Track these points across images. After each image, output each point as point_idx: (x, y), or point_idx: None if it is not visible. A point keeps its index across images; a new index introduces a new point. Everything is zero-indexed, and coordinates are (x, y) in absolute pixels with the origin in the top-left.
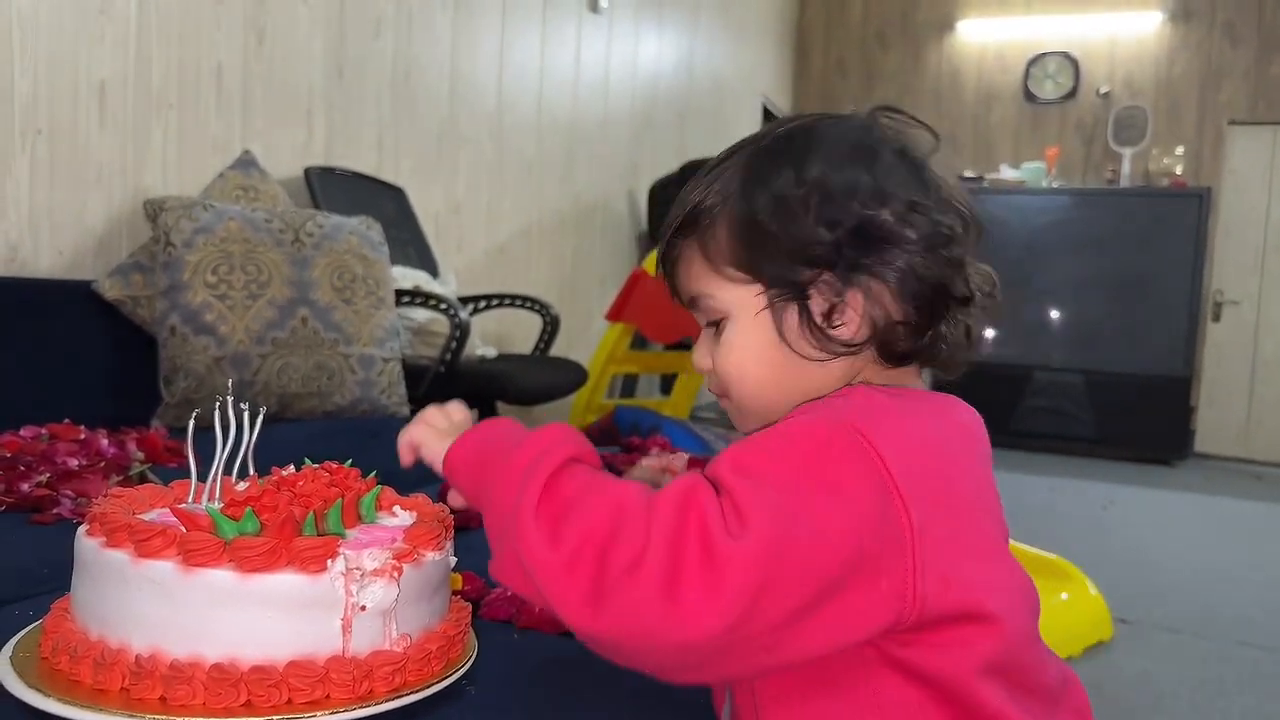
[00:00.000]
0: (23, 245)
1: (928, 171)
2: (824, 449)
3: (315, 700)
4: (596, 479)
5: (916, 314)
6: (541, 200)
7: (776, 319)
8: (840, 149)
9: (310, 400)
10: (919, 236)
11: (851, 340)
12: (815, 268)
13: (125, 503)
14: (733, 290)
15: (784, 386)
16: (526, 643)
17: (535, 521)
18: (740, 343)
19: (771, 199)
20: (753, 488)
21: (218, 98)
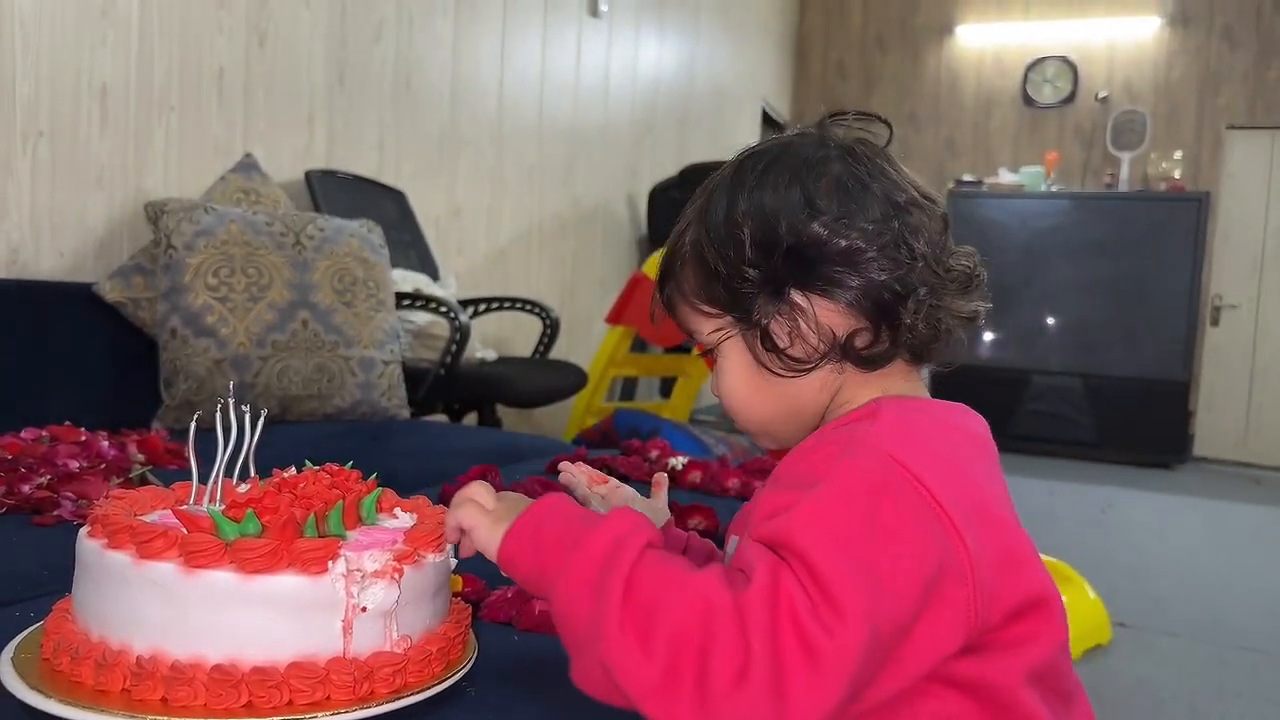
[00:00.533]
0: (24, 247)
1: (876, 173)
2: (880, 497)
3: (316, 701)
4: (672, 573)
5: (870, 321)
6: (542, 204)
7: (748, 345)
8: (776, 172)
9: (311, 403)
10: (856, 245)
11: (809, 356)
12: (761, 294)
13: (127, 504)
14: (710, 323)
15: (774, 405)
16: (527, 644)
17: (622, 634)
18: (727, 370)
19: (714, 235)
20: (832, 564)
21: (219, 100)
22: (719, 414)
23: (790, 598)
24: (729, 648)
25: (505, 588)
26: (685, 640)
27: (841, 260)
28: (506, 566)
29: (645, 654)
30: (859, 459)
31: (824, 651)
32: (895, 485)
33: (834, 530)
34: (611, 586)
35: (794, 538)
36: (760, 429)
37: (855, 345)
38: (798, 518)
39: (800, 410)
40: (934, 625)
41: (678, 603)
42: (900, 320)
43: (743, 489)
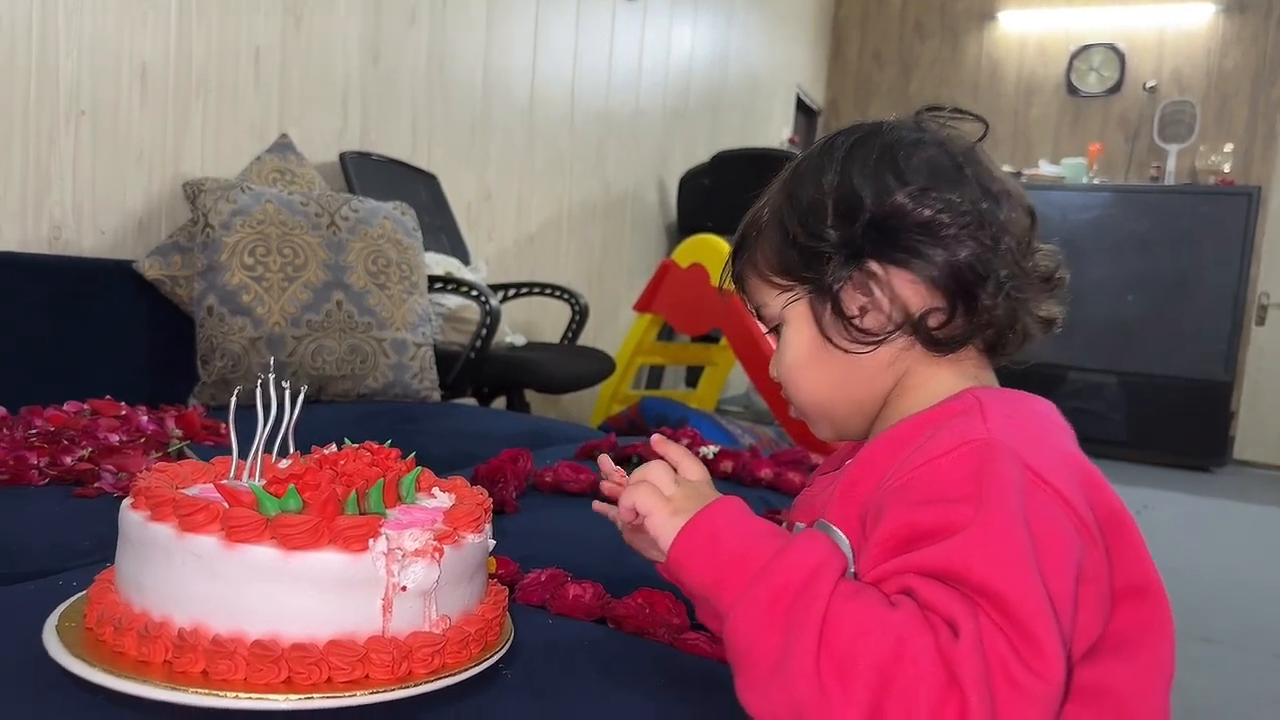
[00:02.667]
0: (66, 225)
1: (971, 160)
2: (1032, 513)
3: (355, 680)
4: (871, 612)
5: (947, 299)
6: (572, 190)
7: (815, 317)
8: (867, 147)
9: (344, 383)
10: (940, 219)
11: (881, 329)
12: (833, 263)
13: (169, 477)
14: (779, 297)
15: (835, 383)
16: (561, 628)
17: (818, 676)
18: (791, 344)
19: (796, 208)
20: (1025, 602)
21: (256, 81)
22: (745, 405)
23: (995, 645)
24: (941, 700)
25: (539, 570)
26: (888, 687)
27: (922, 231)
28: (674, 567)
29: (844, 699)
30: (1001, 470)
31: (1036, 693)
32: (1035, 494)
33: (1013, 562)
34: (806, 624)
35: (976, 574)
36: (816, 410)
37: (928, 324)
38: (972, 551)
39: (861, 390)
40: (1086, 632)
41: (878, 648)
42: (978, 303)
43: (775, 479)
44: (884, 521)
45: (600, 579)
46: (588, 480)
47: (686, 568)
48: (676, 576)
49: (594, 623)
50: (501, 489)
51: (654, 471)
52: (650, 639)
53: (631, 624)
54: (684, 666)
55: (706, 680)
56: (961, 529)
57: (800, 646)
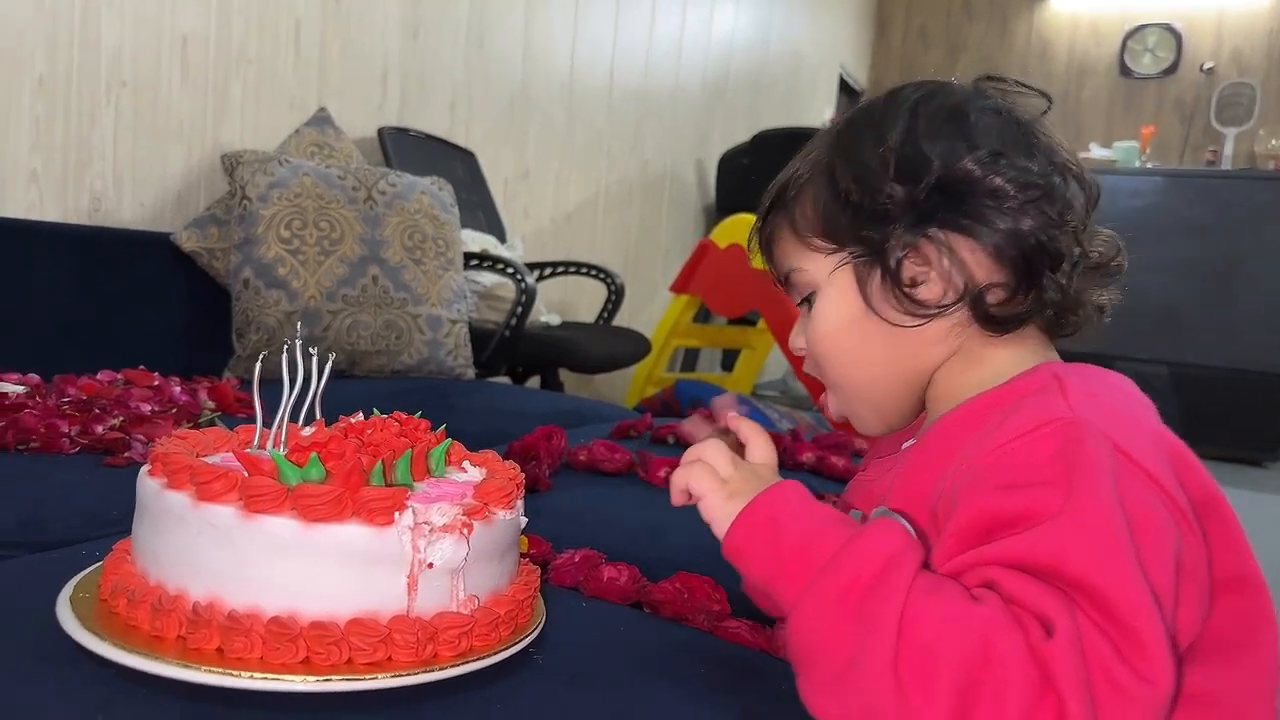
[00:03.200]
0: (107, 196)
1: (1033, 131)
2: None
3: (377, 662)
4: (953, 608)
5: (1012, 274)
6: (610, 169)
7: (861, 284)
8: (930, 110)
9: (379, 359)
10: (1009, 189)
11: (937, 301)
12: (892, 225)
13: (190, 444)
14: (819, 261)
15: (877, 359)
16: (594, 611)
17: (897, 679)
18: (829, 314)
19: (852, 163)
20: (1124, 598)
21: (295, 55)
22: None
23: (1094, 645)
24: (1036, 705)
25: (572, 551)
26: (976, 691)
27: (991, 198)
28: (731, 558)
29: (926, 703)
30: (1090, 451)
31: (1140, 697)
32: (1127, 478)
33: (1112, 553)
34: (882, 620)
35: (1071, 567)
36: (858, 391)
37: (987, 300)
38: (1066, 541)
39: (906, 367)
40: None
41: (964, 647)
42: (1042, 281)
43: (818, 463)
44: (960, 509)
45: (636, 561)
46: (623, 460)
47: (745, 557)
48: (734, 566)
49: (629, 607)
50: (534, 467)
51: (710, 450)
52: (688, 625)
53: (669, 609)
54: (724, 655)
55: (747, 669)
56: (1050, 517)
57: (876, 644)
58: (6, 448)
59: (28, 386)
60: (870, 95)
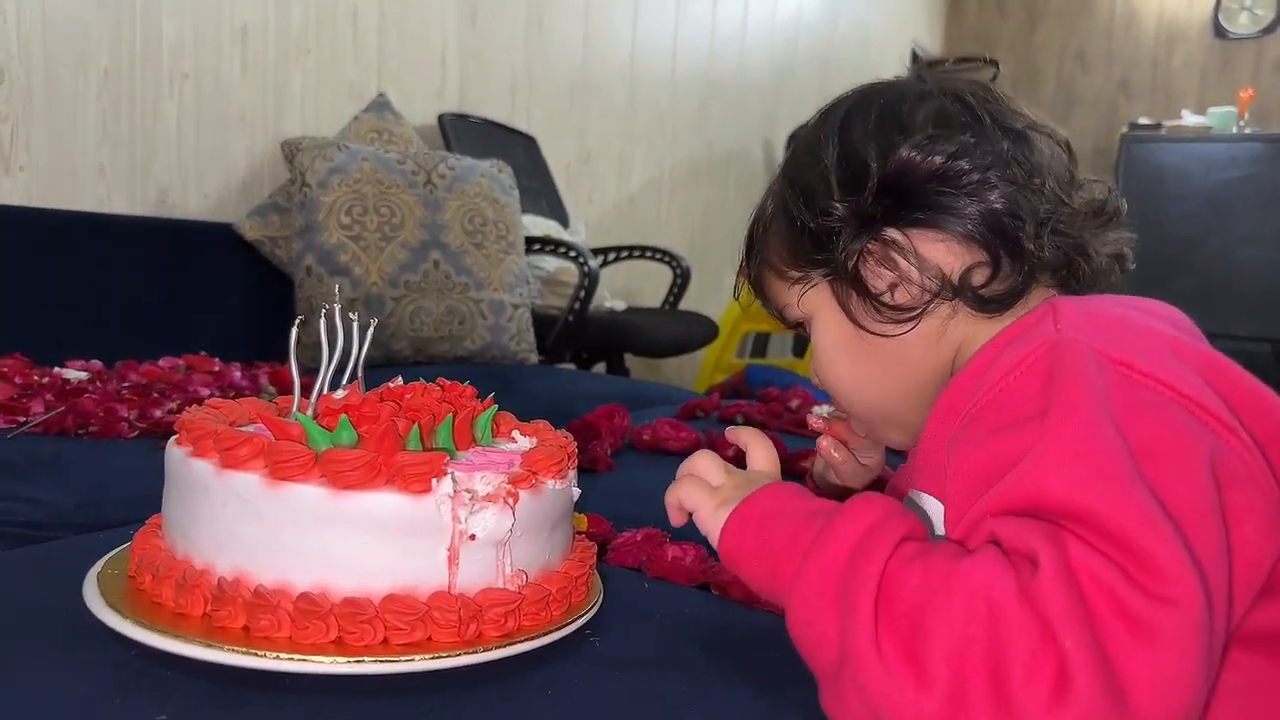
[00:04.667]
0: (173, 188)
1: (985, 102)
2: (1124, 410)
3: (415, 642)
4: (935, 568)
5: (987, 251)
6: (674, 151)
7: (841, 304)
8: (862, 115)
9: (442, 344)
10: (957, 166)
11: (915, 303)
12: (851, 239)
13: (222, 413)
14: (798, 291)
15: (883, 375)
16: (657, 593)
17: (880, 657)
18: (825, 342)
19: (797, 189)
20: (1121, 512)
21: (354, 43)
22: None
23: (1093, 572)
24: (1033, 655)
25: (634, 530)
26: (969, 655)
27: (938, 183)
28: (729, 564)
29: (918, 680)
30: (1070, 367)
31: (1161, 624)
32: (1125, 388)
33: (1099, 469)
34: (859, 597)
35: (1054, 495)
36: (875, 412)
37: (972, 283)
38: (1046, 468)
39: (915, 375)
40: (1241, 549)
41: (949, 607)
42: (1022, 248)
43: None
44: (955, 462)
45: (702, 541)
46: (688, 439)
47: (738, 563)
48: (739, 577)
49: (695, 588)
50: (596, 445)
51: (699, 461)
52: (759, 608)
53: (738, 590)
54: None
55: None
56: (1035, 451)
57: (857, 626)
58: (67, 432)
59: (90, 373)
60: None
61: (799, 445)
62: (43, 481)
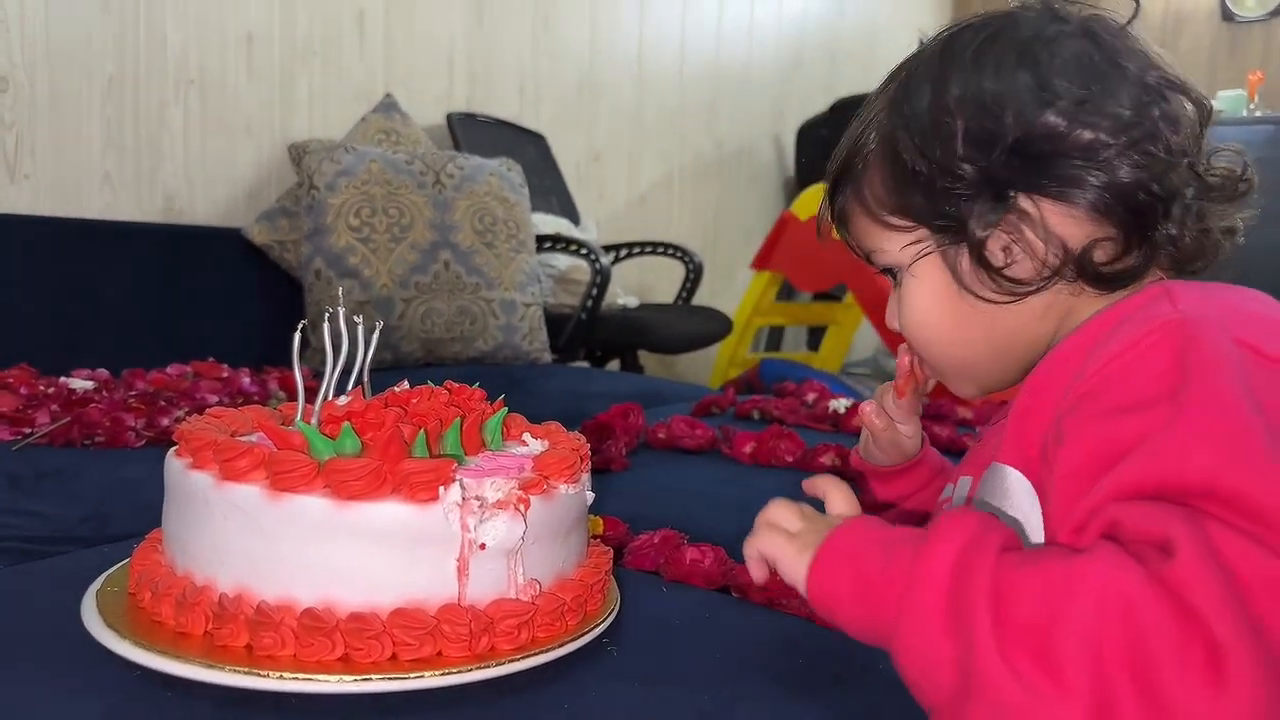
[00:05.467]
0: (179, 195)
1: (1125, 49)
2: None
3: (425, 658)
4: (1050, 571)
5: (1118, 228)
6: (684, 147)
7: (949, 264)
8: (999, 50)
9: (454, 345)
10: (1102, 139)
11: (1031, 278)
12: (973, 200)
13: (223, 422)
14: (897, 239)
15: (979, 339)
16: (677, 597)
17: (1012, 672)
18: (917, 296)
19: (914, 132)
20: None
21: (360, 45)
22: (873, 368)
23: (1240, 551)
24: (1182, 646)
25: (651, 532)
26: (1109, 654)
27: (1083, 156)
28: (822, 610)
29: (1059, 689)
30: (1205, 345)
31: None
32: (1258, 372)
33: (1244, 449)
34: (974, 614)
35: (1194, 474)
36: (958, 370)
37: (1095, 259)
38: (1185, 448)
39: (1014, 344)
40: None
41: (1077, 608)
42: (1155, 230)
43: None
44: (1067, 444)
45: (722, 542)
46: (705, 436)
47: (831, 607)
48: (831, 624)
49: (715, 591)
50: (610, 445)
51: (774, 510)
52: (783, 611)
53: (760, 593)
54: (824, 644)
55: (850, 660)
56: (1163, 429)
57: (978, 644)
58: (73, 443)
59: (96, 382)
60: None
61: (817, 440)
62: (48, 494)
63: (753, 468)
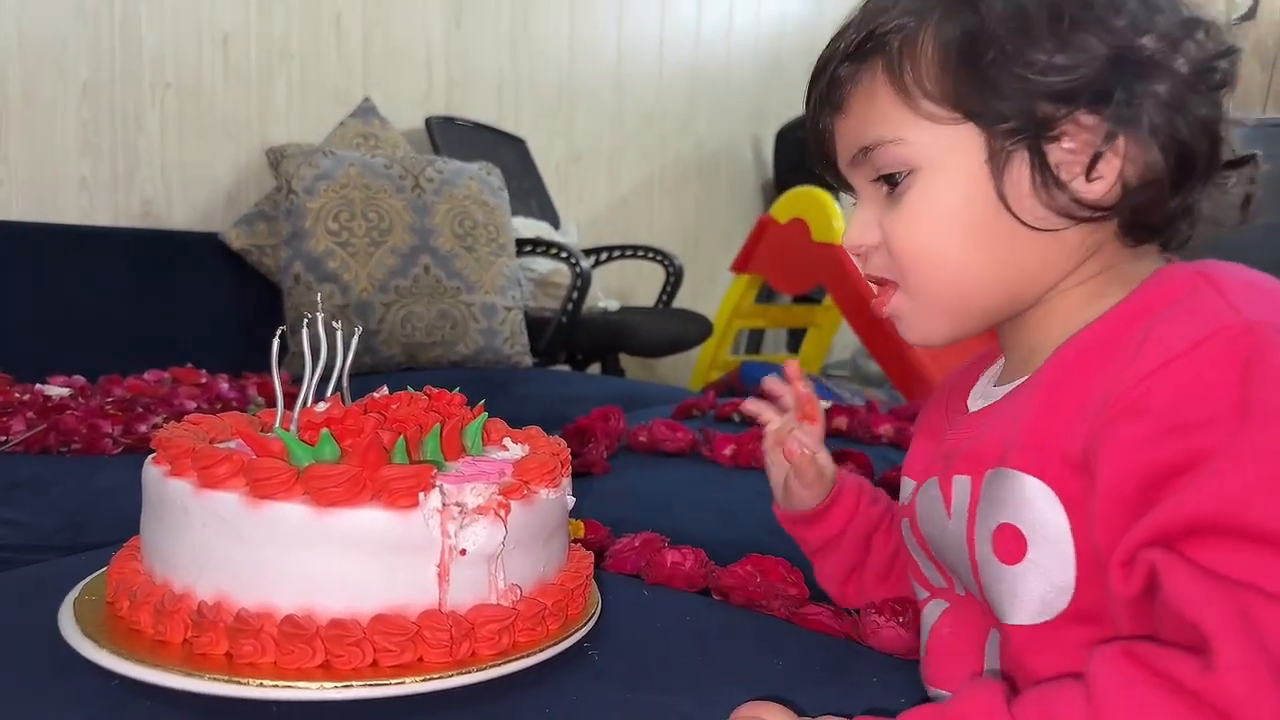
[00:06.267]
0: (156, 199)
1: None
2: None
3: (405, 664)
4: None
5: (1176, 171)
6: (663, 150)
7: (997, 172)
8: None
9: (435, 350)
10: (1191, 71)
11: (1100, 201)
12: (1061, 103)
13: (201, 429)
14: (933, 133)
15: (993, 266)
16: (657, 600)
17: None
18: (938, 203)
19: (1004, 7)
20: None
21: (338, 48)
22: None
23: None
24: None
25: (632, 535)
26: None
27: (1172, 87)
28: None
29: None
30: (1272, 362)
31: None
32: None
33: None
34: None
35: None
36: (948, 300)
37: (1148, 201)
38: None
39: (1026, 281)
40: None
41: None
42: (1195, 182)
43: (896, 435)
44: (1110, 463)
45: (703, 544)
46: (685, 439)
47: None
48: None
49: (696, 594)
50: (591, 449)
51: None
52: (763, 612)
53: (740, 595)
54: (804, 645)
55: (831, 661)
56: (1223, 453)
57: None
58: (49, 450)
59: (72, 389)
60: None
61: None
62: (23, 502)
63: (733, 470)
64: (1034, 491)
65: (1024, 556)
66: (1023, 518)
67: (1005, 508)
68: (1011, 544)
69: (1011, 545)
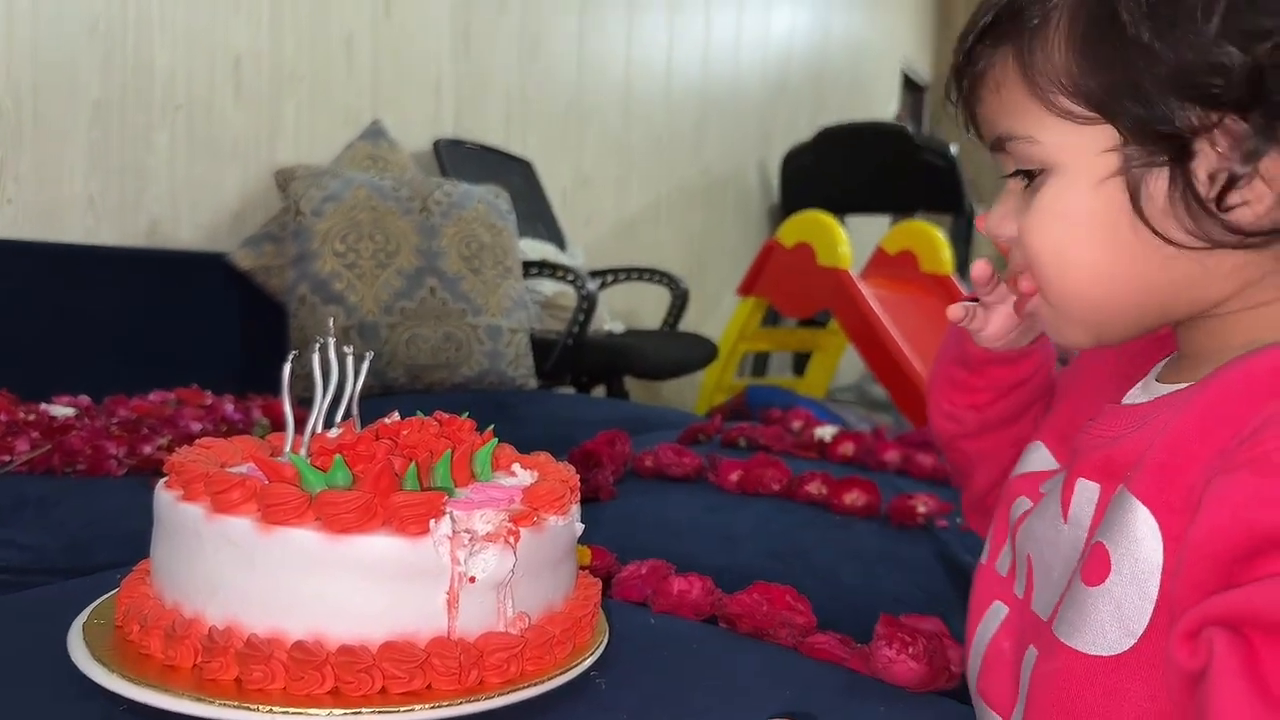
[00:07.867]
0: (164, 219)
1: None
2: None
3: (414, 691)
4: None
5: None
6: (670, 173)
7: (1133, 182)
8: None
9: (439, 371)
10: None
11: (1255, 227)
12: (1212, 107)
13: (213, 453)
14: (1066, 133)
15: (1129, 282)
16: (664, 628)
17: None
18: (1070, 211)
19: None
20: None
21: (348, 71)
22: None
23: None
24: None
25: (639, 562)
26: None
27: None
28: None
29: None
30: None
31: None
32: None
33: None
34: None
35: None
36: (1083, 312)
37: None
38: None
39: (1173, 301)
40: None
41: None
42: None
43: (903, 463)
44: (1209, 512)
45: (709, 571)
46: (691, 464)
47: None
48: None
49: (703, 622)
50: (597, 474)
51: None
52: (770, 641)
53: (747, 623)
54: (812, 674)
55: (839, 690)
56: None
57: None
58: (53, 471)
59: (78, 409)
60: (934, 90)
61: (803, 469)
62: (28, 524)
63: (739, 496)
64: (1142, 524)
65: (1105, 579)
66: (1126, 545)
67: (1112, 532)
68: (1096, 563)
69: (1096, 564)
